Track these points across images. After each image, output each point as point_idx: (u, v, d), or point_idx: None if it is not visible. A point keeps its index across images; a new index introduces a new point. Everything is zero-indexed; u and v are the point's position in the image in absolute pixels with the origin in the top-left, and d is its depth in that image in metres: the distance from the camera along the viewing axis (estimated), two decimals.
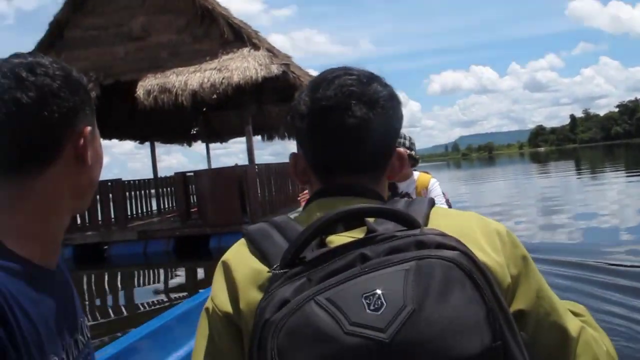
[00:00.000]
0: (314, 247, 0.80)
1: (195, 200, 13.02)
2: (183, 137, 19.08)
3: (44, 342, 0.82)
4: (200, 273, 10.37)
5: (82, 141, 0.89)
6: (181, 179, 12.33)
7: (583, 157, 60.51)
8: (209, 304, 0.91)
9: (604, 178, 23.87)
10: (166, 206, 16.29)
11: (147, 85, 11.09)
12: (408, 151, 3.59)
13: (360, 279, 0.72)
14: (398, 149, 1.02)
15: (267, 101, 14.88)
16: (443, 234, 0.78)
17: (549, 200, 16.06)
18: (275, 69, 10.54)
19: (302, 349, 0.69)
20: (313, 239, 0.80)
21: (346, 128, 0.92)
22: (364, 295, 0.69)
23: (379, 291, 0.69)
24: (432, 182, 3.93)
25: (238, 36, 11.66)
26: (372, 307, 0.68)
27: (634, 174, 23.80)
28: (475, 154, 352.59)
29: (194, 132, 19.28)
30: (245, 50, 11.27)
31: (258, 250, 0.88)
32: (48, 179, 0.87)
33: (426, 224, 0.87)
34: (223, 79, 10.63)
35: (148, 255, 11.85)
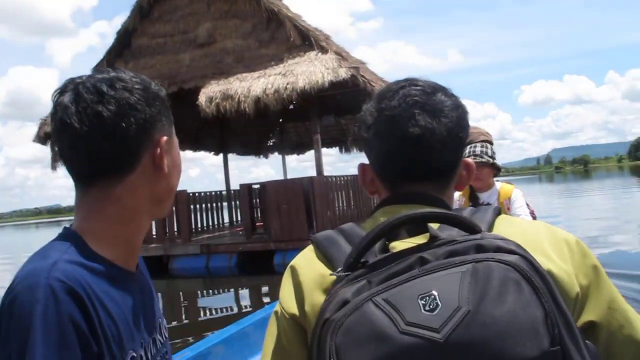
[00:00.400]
0: (377, 252, 0.82)
1: (260, 213, 12.33)
2: (259, 149, 18.60)
3: (123, 338, 0.90)
4: (264, 290, 9.72)
5: (158, 150, 0.95)
6: (246, 191, 11.67)
7: None
8: (277, 307, 0.94)
9: None
10: (238, 219, 15.71)
11: (209, 92, 10.58)
12: (491, 160, 3.66)
13: (417, 280, 0.73)
14: (465, 159, 1.03)
15: (343, 111, 14.20)
16: (503, 239, 0.78)
17: None
18: (343, 73, 9.71)
19: (359, 347, 0.71)
20: (374, 243, 0.81)
21: (410, 137, 0.94)
22: (420, 296, 0.71)
23: (434, 292, 0.71)
24: (515, 192, 3.85)
25: (305, 40, 10.99)
26: (427, 308, 0.70)
27: None
28: (569, 167, 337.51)
29: (270, 143, 18.84)
30: (313, 54, 10.55)
31: (324, 255, 0.91)
32: (127, 186, 0.94)
33: (490, 231, 0.87)
34: (287, 84, 9.93)
35: (210, 269, 11.29)
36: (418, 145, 0.94)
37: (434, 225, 0.82)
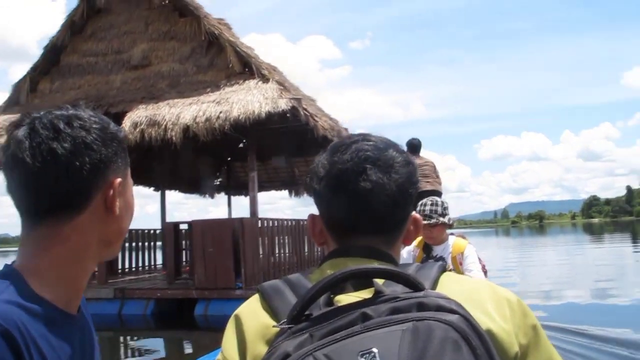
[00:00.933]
0: (322, 305, 0.82)
1: (188, 256, 11.02)
2: (203, 187, 17.24)
3: None
4: (183, 346, 8.50)
5: (111, 192, 0.93)
6: (172, 230, 10.44)
7: None
8: (219, 356, 0.93)
9: None
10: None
11: (135, 117, 9.42)
12: (441, 219, 3.79)
13: (358, 337, 0.74)
14: (413, 214, 1.05)
15: (295, 153, 13.21)
16: (445, 298, 0.79)
17: (604, 281, 13.75)
18: (283, 104, 8.65)
19: None
20: (319, 296, 0.81)
21: (360, 191, 0.96)
22: (361, 353, 0.72)
23: (375, 350, 0.72)
24: (468, 248, 3.94)
25: (246, 67, 9.98)
26: None
27: None
28: (525, 222, 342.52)
29: (217, 182, 17.52)
30: (252, 82, 9.51)
31: (269, 305, 0.91)
32: (76, 226, 0.91)
33: (434, 288, 0.88)
34: (220, 112, 8.86)
35: (123, 317, 9.87)
36: (368, 199, 0.96)
37: (379, 281, 0.83)
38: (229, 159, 15.33)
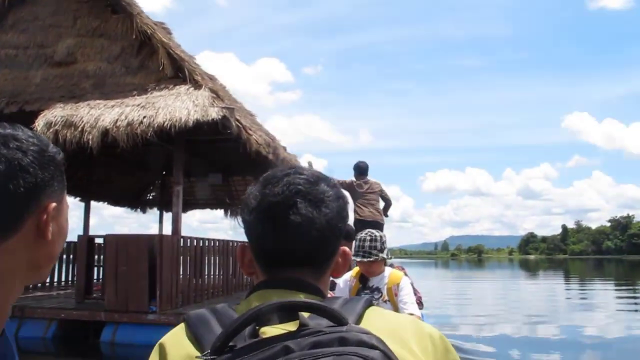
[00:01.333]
0: (246, 336, 0.82)
1: (101, 273, 9.99)
2: (135, 201, 16.14)
3: None
4: None
5: (45, 217, 0.89)
6: (84, 244, 9.46)
7: (572, 269, 57.71)
8: None
9: (593, 294, 22.55)
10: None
11: (51, 116, 8.49)
12: (380, 255, 3.92)
13: None
14: (342, 247, 1.07)
15: (232, 171, 12.44)
16: (367, 333, 0.81)
17: (535, 315, 14.46)
18: (214, 113, 7.89)
19: None
20: (243, 328, 0.82)
21: (290, 224, 0.96)
22: None
23: None
24: (403, 280, 4.03)
25: (179, 71, 9.16)
26: None
27: (623, 288, 23.60)
28: (464, 255, 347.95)
29: (149, 197, 16.46)
30: (183, 88, 8.74)
31: (194, 335, 0.90)
32: (5, 249, 0.86)
33: (359, 323, 0.89)
34: (144, 117, 8.05)
35: (20, 341, 8.75)
36: (297, 233, 0.97)
37: (305, 314, 0.84)
38: (163, 172, 14.34)
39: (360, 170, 8.98)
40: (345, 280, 4.14)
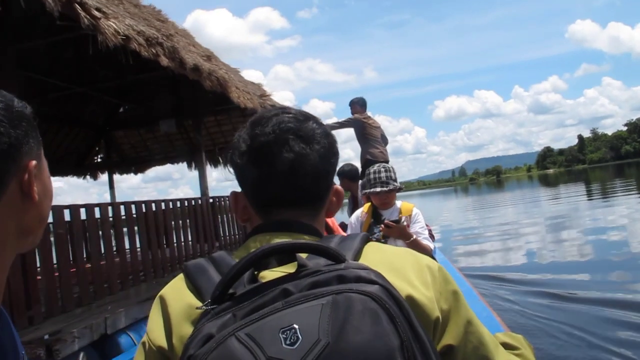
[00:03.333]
0: (246, 282, 0.82)
1: None
2: (79, 167, 13.13)
3: None
4: None
5: (26, 176, 0.81)
6: None
7: (593, 178, 56.14)
8: (145, 338, 0.93)
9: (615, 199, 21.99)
10: None
11: None
12: (397, 185, 3.99)
13: (280, 313, 0.74)
14: (335, 185, 1.08)
15: (185, 113, 10.34)
16: (366, 268, 0.80)
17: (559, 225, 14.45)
18: None
19: None
20: (241, 274, 0.81)
21: (284, 162, 0.97)
22: (282, 329, 0.72)
23: (295, 325, 0.72)
24: (414, 211, 4.06)
25: None
26: (288, 342, 0.71)
27: None
28: (482, 178, 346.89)
29: (97, 159, 13.35)
30: None
31: (193, 285, 0.91)
32: None
33: (357, 259, 0.89)
34: None
35: None
36: (292, 170, 0.97)
37: (302, 255, 0.84)
38: (107, 127, 12.25)
39: (362, 102, 7.92)
40: (357, 217, 4.20)
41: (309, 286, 0.76)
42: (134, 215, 6.98)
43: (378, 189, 3.94)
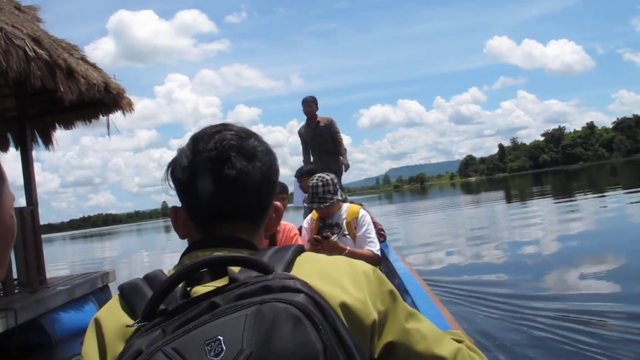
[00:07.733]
0: (178, 298, 0.81)
1: None
2: None
3: None
4: None
5: None
6: None
7: (513, 186, 57.43)
8: None
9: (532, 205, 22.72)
10: None
11: None
12: (335, 198, 3.98)
13: (205, 326, 0.73)
14: (275, 202, 1.08)
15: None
16: (292, 278, 0.80)
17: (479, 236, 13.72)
18: None
19: None
20: (171, 289, 0.80)
21: (225, 179, 0.96)
22: (207, 341, 0.71)
23: (220, 337, 0.71)
24: (361, 212, 4.06)
25: None
26: (212, 353, 0.70)
27: (560, 200, 23.11)
28: (407, 185, 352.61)
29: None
30: None
31: (127, 304, 0.89)
32: None
33: (289, 270, 0.88)
34: None
35: None
36: (233, 186, 0.96)
37: (235, 269, 0.84)
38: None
39: (310, 102, 8.51)
40: (307, 222, 4.27)
41: (235, 298, 0.76)
42: None
43: (315, 206, 4.00)
